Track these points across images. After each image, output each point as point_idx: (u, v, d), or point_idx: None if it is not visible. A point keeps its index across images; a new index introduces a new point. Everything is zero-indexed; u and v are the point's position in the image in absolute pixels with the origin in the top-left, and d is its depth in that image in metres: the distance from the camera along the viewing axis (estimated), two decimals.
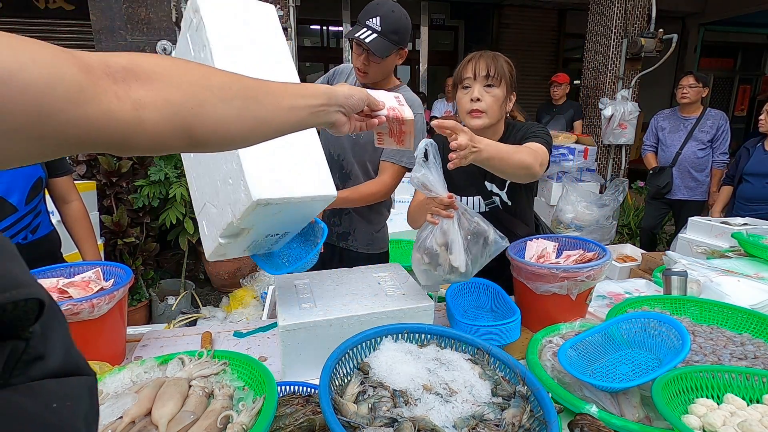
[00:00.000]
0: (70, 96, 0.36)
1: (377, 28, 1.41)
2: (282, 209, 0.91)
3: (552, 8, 7.08)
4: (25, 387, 0.25)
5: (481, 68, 1.28)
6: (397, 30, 1.43)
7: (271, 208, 0.89)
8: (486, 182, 1.42)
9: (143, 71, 0.42)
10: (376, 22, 1.41)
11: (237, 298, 3.15)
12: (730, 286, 1.33)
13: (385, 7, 1.43)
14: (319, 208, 1.00)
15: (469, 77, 1.30)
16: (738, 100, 8.34)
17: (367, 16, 1.43)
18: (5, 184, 1.33)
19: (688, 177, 3.36)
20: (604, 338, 0.99)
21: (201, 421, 0.72)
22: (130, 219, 3.24)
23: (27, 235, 1.40)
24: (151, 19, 3.66)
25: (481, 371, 0.84)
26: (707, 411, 0.73)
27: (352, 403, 0.73)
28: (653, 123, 3.51)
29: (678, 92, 3.33)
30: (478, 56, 1.31)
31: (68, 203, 1.56)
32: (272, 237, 1.06)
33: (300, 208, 0.96)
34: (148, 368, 0.86)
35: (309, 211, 1.01)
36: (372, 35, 1.40)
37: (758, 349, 0.93)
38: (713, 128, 3.28)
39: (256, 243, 1.06)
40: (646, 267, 2.15)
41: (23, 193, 1.36)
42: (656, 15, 4.45)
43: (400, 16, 1.43)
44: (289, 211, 0.94)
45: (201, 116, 0.45)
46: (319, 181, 0.97)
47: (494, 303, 1.29)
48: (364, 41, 1.40)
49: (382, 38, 1.41)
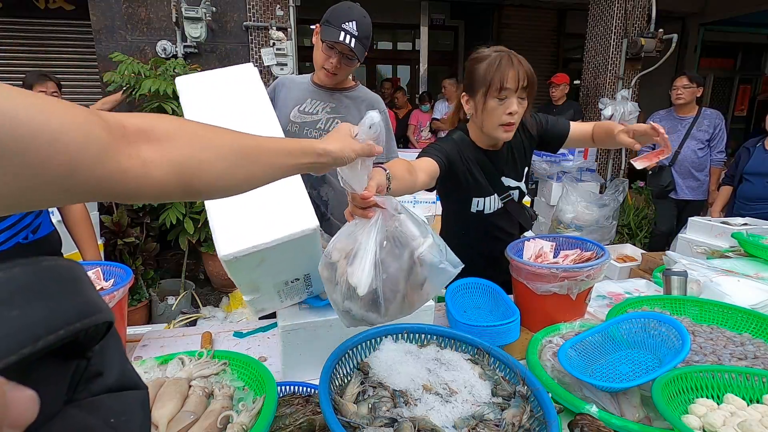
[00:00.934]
0: (97, 155, 0.41)
1: (354, 32, 1.40)
2: (264, 257, 0.84)
3: (552, 8, 7.08)
4: (87, 402, 0.26)
5: (522, 78, 1.18)
6: (368, 35, 1.45)
7: (248, 261, 0.83)
8: (503, 178, 1.40)
9: (153, 134, 0.48)
10: (352, 26, 1.40)
11: (237, 298, 3.16)
12: (730, 286, 1.33)
13: (356, 11, 1.42)
14: (310, 242, 0.89)
15: (509, 88, 1.18)
16: (738, 100, 8.33)
17: (342, 18, 1.40)
18: None
19: (689, 177, 3.38)
20: (604, 338, 0.99)
21: (201, 421, 0.72)
22: (130, 219, 3.24)
23: (28, 234, 1.41)
24: (151, 19, 3.66)
25: (481, 371, 0.84)
26: (707, 411, 0.73)
27: (352, 403, 0.73)
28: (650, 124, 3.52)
29: (672, 93, 3.36)
30: (517, 62, 1.19)
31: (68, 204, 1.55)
32: (295, 282, 0.97)
33: (285, 250, 0.86)
34: (148, 368, 0.86)
35: (302, 250, 0.89)
36: (352, 39, 1.40)
37: (758, 349, 0.93)
38: (710, 127, 3.30)
39: (285, 292, 0.98)
40: (646, 267, 2.15)
41: None
42: (656, 15, 4.45)
43: (369, 22, 1.45)
44: (276, 257, 0.86)
45: (200, 173, 0.52)
46: (295, 218, 0.89)
47: (494, 303, 1.29)
48: (350, 46, 1.40)
49: (359, 43, 1.42)
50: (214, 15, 3.65)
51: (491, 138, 1.32)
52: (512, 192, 1.43)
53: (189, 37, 3.54)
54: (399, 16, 7.33)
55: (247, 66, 1.21)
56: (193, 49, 3.71)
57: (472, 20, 7.54)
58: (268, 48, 3.70)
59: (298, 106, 1.55)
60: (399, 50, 8.37)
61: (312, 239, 0.89)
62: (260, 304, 0.98)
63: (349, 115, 1.55)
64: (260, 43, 3.83)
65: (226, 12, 3.77)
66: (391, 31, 8.18)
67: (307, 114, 1.55)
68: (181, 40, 3.64)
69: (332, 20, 1.41)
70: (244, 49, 3.84)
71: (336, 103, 1.56)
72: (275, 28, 3.70)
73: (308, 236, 0.87)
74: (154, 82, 3.05)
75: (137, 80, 3.12)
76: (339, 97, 1.57)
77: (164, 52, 3.61)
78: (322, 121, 1.54)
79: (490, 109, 1.22)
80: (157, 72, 3.24)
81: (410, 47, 8.21)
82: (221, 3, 3.72)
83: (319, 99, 1.56)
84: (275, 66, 3.71)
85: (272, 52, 3.68)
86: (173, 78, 3.22)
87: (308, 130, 1.54)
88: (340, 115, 1.54)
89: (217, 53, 3.82)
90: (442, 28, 7.75)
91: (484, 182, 1.37)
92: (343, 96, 1.57)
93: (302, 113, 1.55)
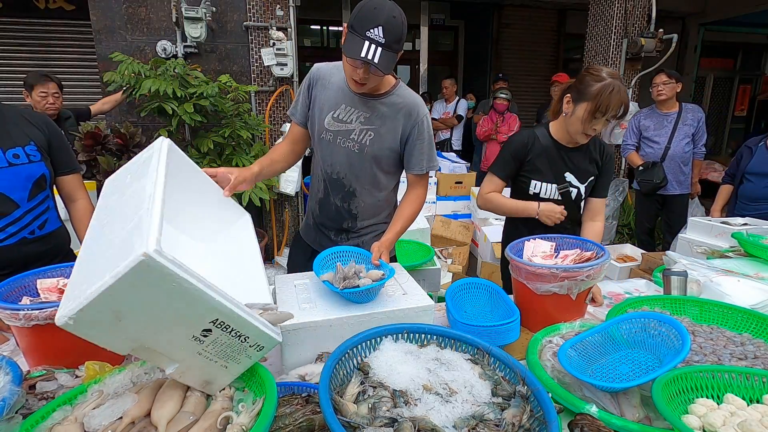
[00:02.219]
0: None
1: (380, 40, 1.21)
2: (112, 310, 0.62)
3: (552, 8, 7.08)
4: None
5: (619, 109, 1.44)
6: (400, 38, 1.26)
7: (94, 322, 0.63)
8: (567, 173, 1.62)
9: None
10: (378, 33, 1.22)
11: None
12: (730, 286, 1.33)
13: (385, 12, 1.22)
14: (158, 276, 0.61)
15: (611, 115, 1.45)
16: (738, 100, 8.34)
17: (367, 25, 1.22)
18: (7, 182, 1.35)
19: (678, 172, 3.43)
20: (604, 338, 0.99)
21: (201, 422, 0.72)
22: None
23: (34, 230, 1.43)
24: (151, 19, 3.66)
25: (481, 371, 0.84)
26: (707, 411, 0.73)
27: (352, 403, 0.73)
28: (634, 123, 3.57)
29: (653, 90, 3.41)
30: (623, 94, 1.43)
31: (75, 201, 1.58)
32: (213, 336, 0.72)
33: (132, 295, 0.62)
34: (148, 369, 0.86)
35: (159, 287, 0.63)
36: (377, 50, 1.22)
37: (758, 349, 0.93)
38: (694, 121, 3.38)
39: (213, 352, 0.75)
40: (646, 267, 2.15)
41: (25, 191, 1.39)
42: (656, 15, 4.45)
43: (401, 20, 1.25)
44: (131, 306, 0.63)
45: None
46: (124, 252, 0.64)
47: (494, 303, 1.29)
48: (372, 61, 1.22)
49: (386, 51, 1.23)
50: (214, 15, 3.65)
51: (570, 138, 1.58)
52: (571, 189, 1.63)
53: (189, 37, 3.54)
54: None
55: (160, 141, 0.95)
56: (193, 49, 3.71)
57: (472, 20, 7.55)
58: (268, 48, 3.70)
59: (332, 112, 1.43)
60: None
61: (156, 271, 0.60)
62: (196, 376, 0.77)
63: (384, 127, 1.42)
64: (260, 43, 3.83)
65: (226, 12, 3.76)
66: None
67: (341, 122, 1.43)
68: (181, 40, 3.64)
69: (357, 26, 1.23)
70: (244, 49, 3.84)
71: (370, 113, 1.42)
72: (275, 28, 3.70)
73: (145, 269, 0.59)
74: (154, 82, 3.05)
75: (137, 80, 3.12)
76: (374, 104, 1.42)
77: (164, 52, 3.61)
78: (356, 132, 1.43)
79: (584, 120, 1.47)
80: (157, 72, 3.23)
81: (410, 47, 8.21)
82: (221, 3, 3.72)
83: (353, 106, 1.42)
84: (275, 66, 3.71)
85: (272, 52, 3.68)
86: (173, 78, 3.22)
87: (342, 139, 1.44)
88: (374, 126, 1.42)
89: (217, 53, 3.82)
90: (442, 28, 7.75)
91: (547, 170, 1.62)
92: (378, 103, 1.42)
93: (336, 120, 1.43)
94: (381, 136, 1.41)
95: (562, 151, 1.61)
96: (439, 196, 4.39)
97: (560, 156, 1.61)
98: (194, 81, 3.29)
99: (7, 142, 1.36)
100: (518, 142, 1.64)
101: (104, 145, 3.29)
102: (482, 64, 7.53)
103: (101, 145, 3.27)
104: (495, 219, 3.78)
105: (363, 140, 1.42)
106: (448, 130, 5.45)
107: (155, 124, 3.63)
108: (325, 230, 1.57)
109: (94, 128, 3.23)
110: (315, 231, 1.59)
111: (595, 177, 1.65)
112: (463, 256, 3.49)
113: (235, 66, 3.86)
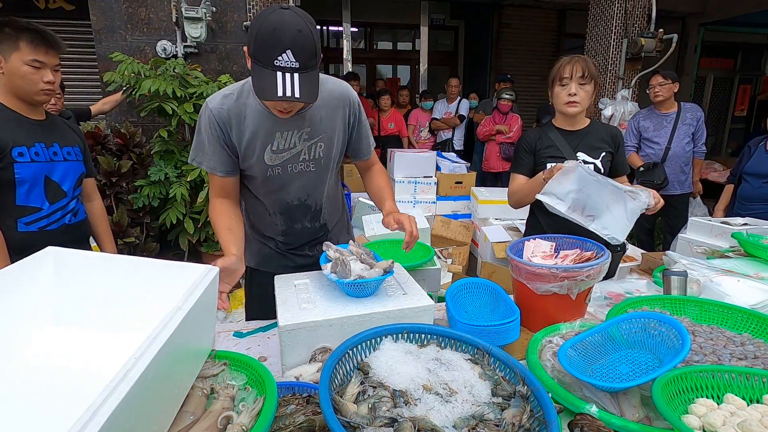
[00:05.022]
0: None
1: (293, 65, 1.04)
2: None
3: (552, 8, 7.09)
4: None
5: (577, 70, 1.59)
6: (314, 51, 1.07)
7: None
8: (578, 153, 1.70)
9: None
10: (287, 57, 1.03)
11: (237, 298, 3.15)
12: (730, 286, 1.33)
13: (288, 31, 1.02)
14: None
15: (566, 77, 1.61)
16: (738, 100, 8.34)
17: (272, 53, 1.02)
18: (61, 173, 1.59)
19: (679, 172, 3.43)
20: (604, 338, 0.99)
21: (201, 421, 0.73)
22: (130, 219, 3.24)
23: (71, 218, 1.65)
24: (151, 19, 3.66)
25: (481, 371, 0.84)
26: (707, 411, 0.73)
27: (352, 403, 0.73)
28: (633, 124, 3.57)
29: (650, 92, 3.42)
30: (575, 60, 1.60)
31: (92, 201, 1.83)
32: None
33: None
34: None
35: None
36: (293, 78, 1.05)
37: (758, 349, 0.93)
38: (694, 120, 3.39)
39: None
40: (646, 267, 2.15)
41: (72, 183, 1.64)
42: (656, 15, 4.45)
43: (308, 30, 1.05)
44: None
45: None
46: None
47: (494, 303, 1.29)
48: (293, 97, 1.05)
49: (304, 73, 1.06)
50: (214, 15, 3.65)
51: (569, 120, 1.72)
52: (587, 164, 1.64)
53: (189, 37, 3.54)
54: (399, 16, 7.34)
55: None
56: (193, 49, 3.71)
57: (472, 20, 7.55)
58: None
59: (269, 147, 1.25)
60: (399, 50, 8.38)
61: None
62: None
63: (330, 129, 1.31)
64: None
65: (226, 12, 3.77)
66: (392, 31, 8.20)
67: (285, 151, 1.27)
68: (181, 40, 3.64)
69: (261, 57, 1.04)
70: None
71: (310, 125, 1.27)
72: None
73: None
74: (154, 82, 3.05)
75: (137, 80, 3.12)
76: (310, 114, 1.26)
77: (164, 52, 3.61)
78: (304, 151, 1.30)
79: (557, 93, 1.66)
80: (157, 72, 3.24)
81: (410, 47, 8.21)
82: (221, 3, 3.72)
83: (288, 128, 1.25)
84: None
85: None
86: (173, 78, 3.22)
87: (292, 166, 1.30)
88: (320, 135, 1.30)
89: (217, 53, 3.82)
90: (442, 28, 7.76)
91: (558, 154, 1.71)
92: (313, 110, 1.27)
93: (278, 153, 1.27)
94: (331, 139, 1.33)
95: (569, 136, 1.73)
96: (439, 196, 4.39)
97: (568, 141, 1.73)
98: (194, 81, 3.29)
99: (62, 141, 1.61)
100: (527, 136, 1.78)
101: (104, 145, 3.30)
102: (482, 64, 7.54)
103: (101, 145, 3.28)
104: (495, 219, 3.78)
105: (316, 154, 1.31)
106: (449, 129, 5.45)
107: (155, 124, 3.63)
108: (296, 251, 1.46)
109: (94, 128, 3.23)
110: (281, 256, 1.46)
111: (610, 154, 1.73)
112: (463, 256, 3.49)
113: (235, 66, 3.86)
